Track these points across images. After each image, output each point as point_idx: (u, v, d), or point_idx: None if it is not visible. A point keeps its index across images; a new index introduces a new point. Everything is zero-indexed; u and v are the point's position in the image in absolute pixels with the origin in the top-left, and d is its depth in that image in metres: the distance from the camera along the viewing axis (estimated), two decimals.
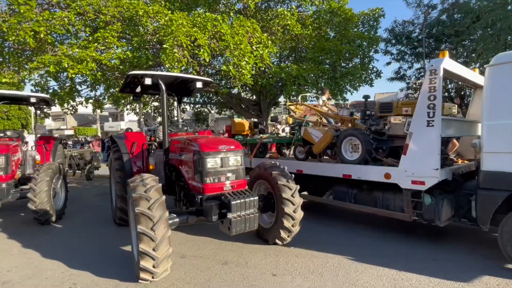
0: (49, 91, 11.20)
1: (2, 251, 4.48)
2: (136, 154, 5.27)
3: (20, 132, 7.41)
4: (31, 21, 8.93)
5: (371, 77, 12.48)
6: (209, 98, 15.78)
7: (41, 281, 3.50)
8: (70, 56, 8.98)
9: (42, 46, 9.63)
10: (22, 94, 6.80)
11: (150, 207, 3.16)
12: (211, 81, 5.54)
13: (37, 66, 9.37)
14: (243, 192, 3.74)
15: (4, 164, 5.49)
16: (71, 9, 9.63)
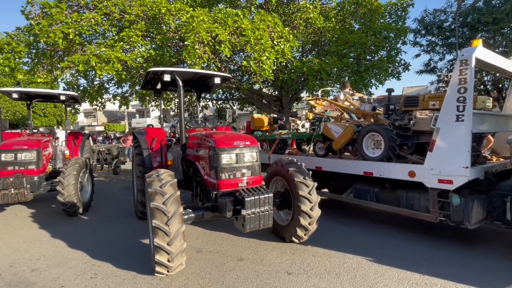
0: (80, 88, 11.78)
1: (33, 240, 4.78)
2: (155, 149, 5.39)
3: (51, 128, 7.85)
4: (61, 23, 9.38)
5: (398, 70, 11.89)
6: (231, 94, 15.86)
7: (65, 270, 3.68)
8: (97, 55, 9.36)
9: (72, 47, 10.11)
10: (53, 92, 7.18)
11: (164, 202, 3.20)
12: (230, 77, 5.52)
13: (68, 65, 9.86)
14: (258, 188, 3.69)
15: (36, 158, 5.83)
16: (98, 10, 10.01)
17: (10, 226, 5.55)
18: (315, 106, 6.82)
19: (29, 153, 5.75)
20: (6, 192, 5.30)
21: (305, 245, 4.28)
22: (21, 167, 5.68)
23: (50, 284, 3.35)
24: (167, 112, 4.95)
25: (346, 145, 5.61)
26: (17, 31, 10.29)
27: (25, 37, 10.13)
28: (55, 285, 3.33)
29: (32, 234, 5.07)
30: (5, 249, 4.41)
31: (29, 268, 3.76)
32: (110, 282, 3.37)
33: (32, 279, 3.48)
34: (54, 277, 3.51)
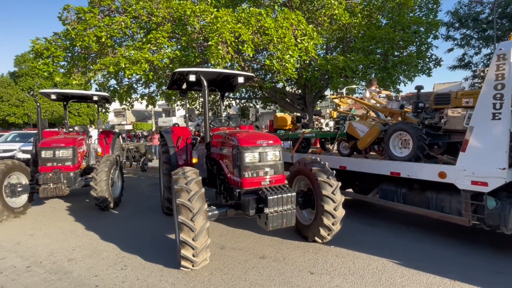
0: (110, 89, 12.39)
1: (69, 232, 5.12)
2: (181, 147, 5.56)
3: (85, 127, 8.32)
4: (94, 27, 9.90)
5: (429, 66, 11.35)
6: (254, 93, 15.93)
7: (98, 261, 3.91)
8: (126, 57, 9.78)
9: (104, 50, 10.64)
10: (87, 93, 7.61)
11: (190, 198, 3.30)
12: (253, 76, 5.57)
13: (100, 67, 10.40)
14: (281, 187, 3.70)
15: (72, 155, 6.23)
16: (127, 13, 10.45)
17: (49, 218, 5.97)
18: (339, 105, 6.70)
19: (65, 150, 6.15)
20: (46, 186, 5.71)
21: (328, 245, 4.24)
22: (58, 164, 6.09)
23: (85, 273, 3.58)
24: (192, 111, 5.08)
25: (372, 145, 5.47)
26: (54, 36, 11.00)
27: (62, 41, 10.80)
28: (89, 275, 3.55)
29: (69, 226, 5.43)
30: (45, 240, 4.76)
31: (66, 258, 4.04)
32: (139, 274, 3.54)
33: (69, 268, 3.74)
34: (89, 267, 3.75)
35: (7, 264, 3.90)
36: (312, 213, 4.30)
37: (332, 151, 6.57)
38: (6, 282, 3.42)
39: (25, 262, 3.93)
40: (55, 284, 3.35)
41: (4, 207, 5.56)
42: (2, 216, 5.54)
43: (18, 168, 6.05)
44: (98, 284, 3.33)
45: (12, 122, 29.84)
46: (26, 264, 3.87)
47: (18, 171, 6.05)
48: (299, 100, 13.23)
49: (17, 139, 15.32)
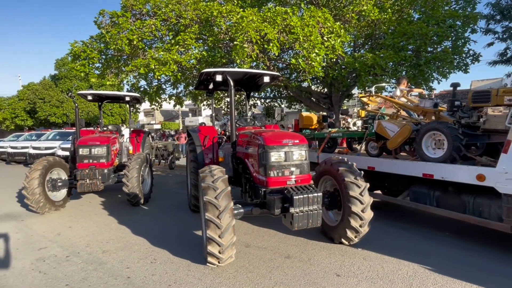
0: (140, 90, 12.92)
1: (104, 225, 5.42)
2: (208, 146, 5.68)
3: (118, 126, 8.74)
4: (126, 31, 10.38)
5: (466, 62, 10.66)
6: (279, 92, 15.87)
7: (130, 254, 4.11)
8: (156, 58, 10.15)
9: (135, 52, 11.12)
10: (119, 94, 8.00)
11: (216, 196, 3.37)
12: (279, 75, 5.56)
13: (131, 69, 10.88)
14: (306, 187, 3.67)
15: (106, 153, 6.58)
16: (157, 17, 10.84)
17: (86, 212, 6.36)
18: (368, 103, 6.50)
19: (100, 148, 6.51)
20: (83, 182, 6.09)
21: (355, 247, 4.14)
22: (94, 161, 6.47)
23: (118, 265, 3.78)
24: (218, 111, 5.17)
25: (403, 145, 5.26)
26: (90, 39, 11.67)
27: (97, 44, 11.43)
28: (121, 266, 3.74)
29: (103, 220, 5.74)
30: (82, 232, 5.08)
31: (101, 249, 4.28)
32: (167, 267, 3.67)
33: (103, 259, 3.96)
34: (121, 259, 3.94)
35: (49, 253, 4.21)
36: (338, 214, 4.22)
37: (359, 151, 6.39)
38: (48, 270, 3.69)
39: (65, 252, 4.22)
40: (91, 273, 3.57)
41: (47, 200, 5.99)
42: (44, 209, 5.98)
43: (58, 164, 6.49)
44: (130, 275, 3.50)
45: (52, 121, 32.00)
46: (66, 254, 4.15)
47: (58, 167, 6.49)
48: (325, 99, 13.00)
49: (57, 137, 16.45)
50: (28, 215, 6.12)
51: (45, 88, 32.16)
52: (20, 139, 18.54)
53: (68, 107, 31.63)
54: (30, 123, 33.82)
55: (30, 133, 20.65)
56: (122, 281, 3.38)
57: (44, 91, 31.70)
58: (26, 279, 3.48)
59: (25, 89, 33.98)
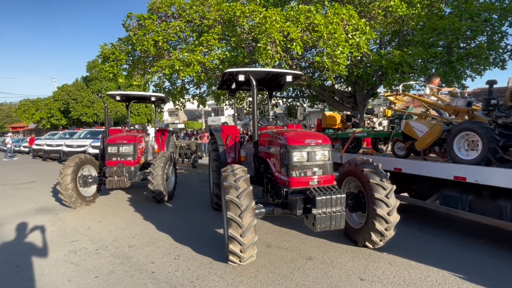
0: (165, 90, 13.29)
1: (130, 220, 5.63)
2: (230, 146, 5.73)
3: (144, 125, 9.05)
4: (152, 32, 10.71)
5: (503, 58, 9.98)
6: (301, 91, 15.70)
7: (154, 249, 4.24)
8: (180, 59, 10.40)
9: (160, 53, 11.45)
10: (145, 94, 8.28)
11: (238, 195, 3.39)
12: (301, 74, 5.49)
13: (157, 69, 11.22)
14: (329, 188, 3.59)
15: (133, 151, 6.84)
16: (182, 18, 11.10)
17: (113, 207, 6.64)
18: (394, 102, 6.27)
19: (128, 146, 6.77)
20: (111, 178, 6.37)
21: (380, 251, 4.00)
22: (121, 159, 6.74)
23: (143, 260, 3.91)
24: (240, 110, 5.20)
25: (432, 146, 5.02)
26: (119, 42, 12.17)
27: (125, 46, 11.90)
28: (147, 261, 3.86)
29: (129, 215, 5.97)
30: (110, 226, 5.31)
31: (127, 244, 4.45)
32: (190, 264, 3.74)
33: (129, 254, 4.11)
34: (146, 254, 4.08)
35: (80, 245, 4.44)
36: (363, 216, 4.10)
37: (385, 152, 6.18)
38: (79, 262, 3.89)
39: (94, 245, 4.43)
40: (118, 267, 3.71)
41: (78, 196, 6.32)
42: (76, 203, 6.32)
43: (89, 162, 6.83)
44: (154, 270, 3.61)
45: (84, 120, 33.75)
46: (95, 247, 4.36)
47: (89, 164, 6.83)
48: (349, 98, 12.69)
49: (88, 136, 17.34)
50: (62, 209, 6.49)
51: (77, 89, 33.98)
52: (55, 137, 19.72)
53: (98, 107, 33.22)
54: (64, 122, 35.90)
55: (64, 132, 21.92)
56: (147, 275, 3.49)
57: (77, 92, 33.50)
58: (60, 269, 3.69)
59: (59, 90, 36.09)
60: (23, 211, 6.48)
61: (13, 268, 3.72)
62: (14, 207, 6.82)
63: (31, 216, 6.05)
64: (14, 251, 4.28)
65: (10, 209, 6.64)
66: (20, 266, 3.77)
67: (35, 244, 4.55)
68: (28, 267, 3.75)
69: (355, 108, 12.00)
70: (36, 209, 6.65)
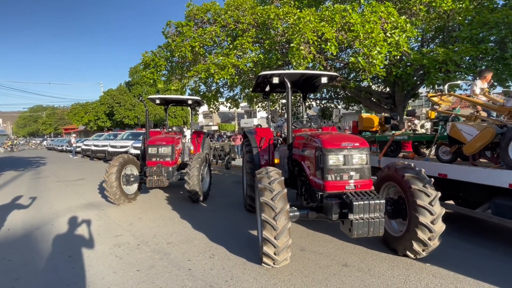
0: (200, 93, 13.73)
1: (168, 218, 5.88)
2: (264, 148, 5.75)
3: (181, 127, 9.41)
4: (189, 38, 11.14)
5: None
6: (336, 93, 15.32)
7: (190, 247, 4.37)
8: (215, 63, 10.68)
9: (197, 58, 11.86)
10: (183, 98, 8.60)
11: (273, 198, 3.39)
12: (337, 76, 5.36)
13: (193, 74, 11.65)
14: (367, 193, 3.46)
15: (171, 152, 7.14)
16: (217, 23, 11.41)
17: (153, 205, 6.98)
18: (439, 104, 5.86)
19: (166, 147, 7.09)
20: (151, 178, 6.70)
21: (422, 262, 3.76)
22: (160, 159, 7.06)
23: (180, 257, 4.05)
24: (275, 112, 5.21)
25: (483, 150, 4.61)
26: (158, 49, 12.82)
27: (164, 53, 12.50)
28: (183, 258, 4.00)
29: (168, 214, 6.23)
30: (150, 223, 5.58)
31: (165, 241, 4.65)
32: (224, 264, 3.81)
33: (168, 250, 4.29)
34: (183, 251, 4.22)
35: (123, 240, 4.72)
36: (403, 224, 3.89)
37: (428, 156, 5.80)
38: (123, 255, 4.14)
39: (136, 241, 4.69)
40: (157, 262, 3.89)
41: (122, 193, 6.74)
42: (119, 200, 6.74)
43: (131, 162, 7.26)
44: (191, 268, 3.72)
45: (126, 123, 36.02)
46: (137, 242, 4.61)
47: (131, 164, 7.26)
48: (387, 99, 12.12)
49: (130, 137, 18.44)
50: (107, 205, 6.96)
51: (120, 93, 36.38)
52: (101, 138, 21.24)
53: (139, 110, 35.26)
54: (108, 124, 38.61)
55: (109, 133, 23.53)
56: (184, 272, 3.61)
57: (120, 96, 35.86)
58: (106, 261, 3.95)
59: (105, 94, 38.89)
60: (74, 206, 7.06)
61: (66, 258, 4.06)
62: (66, 202, 7.44)
63: (81, 210, 6.57)
64: (67, 243, 4.67)
65: (63, 204, 7.26)
66: (72, 257, 4.10)
67: (84, 237, 4.93)
68: (79, 257, 4.07)
69: (394, 109, 11.43)
70: (85, 204, 7.21)
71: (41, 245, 4.60)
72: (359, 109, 16.26)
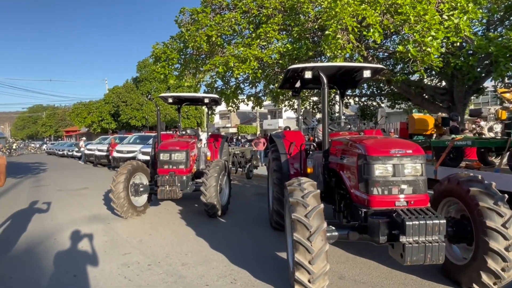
0: (217, 90, 13.95)
1: (182, 235, 6.00)
2: (294, 155, 5.74)
3: (196, 130, 9.62)
4: (205, 27, 11.39)
5: None
6: (379, 88, 15.03)
7: (208, 270, 4.43)
8: (235, 55, 10.84)
9: (213, 49, 12.09)
10: (199, 96, 8.80)
11: (307, 214, 3.35)
12: (383, 68, 5.26)
13: (210, 68, 11.88)
14: (423, 211, 3.35)
15: (185, 159, 7.30)
16: (237, 9, 11.60)
17: (164, 220, 7.15)
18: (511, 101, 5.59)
19: (180, 153, 7.26)
20: (163, 188, 6.88)
21: None
22: (173, 167, 7.24)
23: (197, 281, 4.11)
24: (307, 113, 5.19)
25: None
26: (171, 40, 13.21)
27: (177, 44, 12.86)
28: (201, 283, 4.06)
29: (181, 230, 6.36)
30: (161, 241, 5.72)
31: (180, 262, 4.75)
32: None
33: (182, 272, 4.37)
34: (200, 275, 4.28)
35: (132, 259, 4.87)
36: (468, 250, 3.72)
37: (498, 166, 5.52)
38: (132, 276, 4.27)
39: (147, 260, 4.82)
40: (172, 286, 3.98)
41: (130, 205, 6.97)
42: (127, 213, 6.97)
43: (141, 169, 7.50)
44: None
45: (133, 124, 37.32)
46: (147, 262, 4.73)
47: (141, 171, 7.50)
48: (443, 95, 11.72)
49: (137, 141, 19.06)
50: (114, 219, 7.22)
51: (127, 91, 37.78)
52: (105, 142, 22.12)
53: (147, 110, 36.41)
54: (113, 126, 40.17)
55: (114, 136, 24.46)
56: None
57: (127, 94, 37.24)
58: (114, 283, 4.09)
59: (110, 92, 40.57)
60: (77, 218, 7.38)
61: (71, 277, 4.25)
62: (69, 214, 7.80)
63: (85, 224, 6.85)
64: (71, 260, 4.89)
65: (66, 216, 7.61)
66: (77, 276, 4.29)
67: (90, 254, 5.13)
68: (85, 277, 4.25)
69: (452, 108, 11.02)
70: (89, 216, 7.51)
71: (43, 261, 4.84)
72: (407, 107, 15.86)
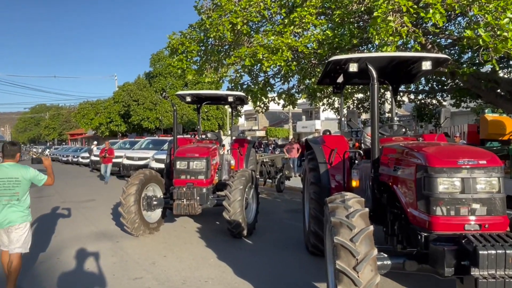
0: (243, 87, 14.05)
1: (201, 258, 6.08)
2: (335, 164, 5.66)
3: (218, 134, 9.76)
4: (230, 13, 11.54)
5: None
6: (440, 83, 14.54)
7: None
8: (265, 45, 10.88)
9: (239, 39, 12.22)
10: (221, 94, 8.93)
11: (353, 238, 3.28)
12: (447, 58, 5.08)
13: (235, 60, 12.00)
14: (501, 237, 3.19)
15: (205, 168, 7.38)
16: None
17: (180, 239, 7.28)
18: None
19: (199, 161, 7.35)
20: (180, 202, 6.98)
21: None
22: (192, 177, 7.34)
23: None
24: (353, 114, 5.12)
25: None
26: (189, 29, 13.50)
27: (197, 34, 13.12)
28: None
29: (200, 252, 6.44)
30: (177, 264, 5.81)
31: None
32: None
33: None
34: None
35: (144, 285, 4.98)
36: None
37: None
38: None
39: (161, 287, 4.92)
40: None
41: (141, 221, 7.14)
42: (139, 231, 7.15)
43: (154, 179, 7.68)
44: None
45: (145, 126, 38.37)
46: None
47: (154, 182, 7.68)
48: None
49: (150, 146, 19.55)
50: (123, 236, 7.43)
51: (139, 88, 38.96)
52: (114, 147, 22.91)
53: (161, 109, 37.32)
54: (123, 128, 41.52)
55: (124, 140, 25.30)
56: None
57: (138, 92, 38.40)
58: None
59: (120, 90, 42.04)
60: (83, 235, 7.66)
61: None
62: (74, 230, 8.12)
63: (91, 242, 7.10)
64: (76, 283, 5.08)
65: (70, 232, 7.93)
66: None
67: (96, 277, 5.31)
68: None
69: None
70: (96, 233, 7.78)
71: (45, 284, 5.05)
72: (477, 106, 15.26)
